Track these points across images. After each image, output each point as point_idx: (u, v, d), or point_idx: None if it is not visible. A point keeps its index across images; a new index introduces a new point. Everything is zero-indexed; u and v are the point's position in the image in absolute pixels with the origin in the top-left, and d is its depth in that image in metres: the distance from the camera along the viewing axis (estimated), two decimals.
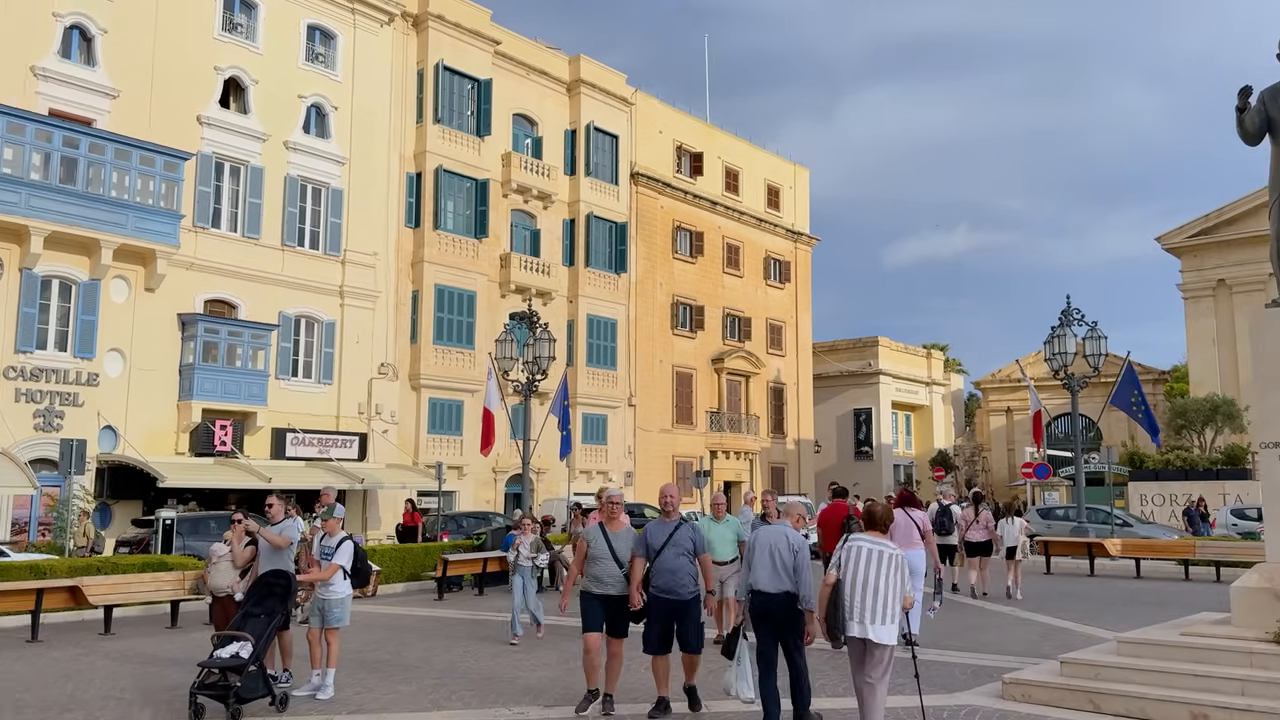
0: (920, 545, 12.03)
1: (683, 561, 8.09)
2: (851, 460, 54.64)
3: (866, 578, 6.79)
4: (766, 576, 7.53)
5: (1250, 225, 39.36)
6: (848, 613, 6.78)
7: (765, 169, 48.51)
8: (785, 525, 7.98)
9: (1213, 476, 32.87)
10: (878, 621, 6.76)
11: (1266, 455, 9.00)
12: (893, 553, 6.92)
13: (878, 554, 6.87)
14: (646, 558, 8.15)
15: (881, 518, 7.26)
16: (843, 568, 6.90)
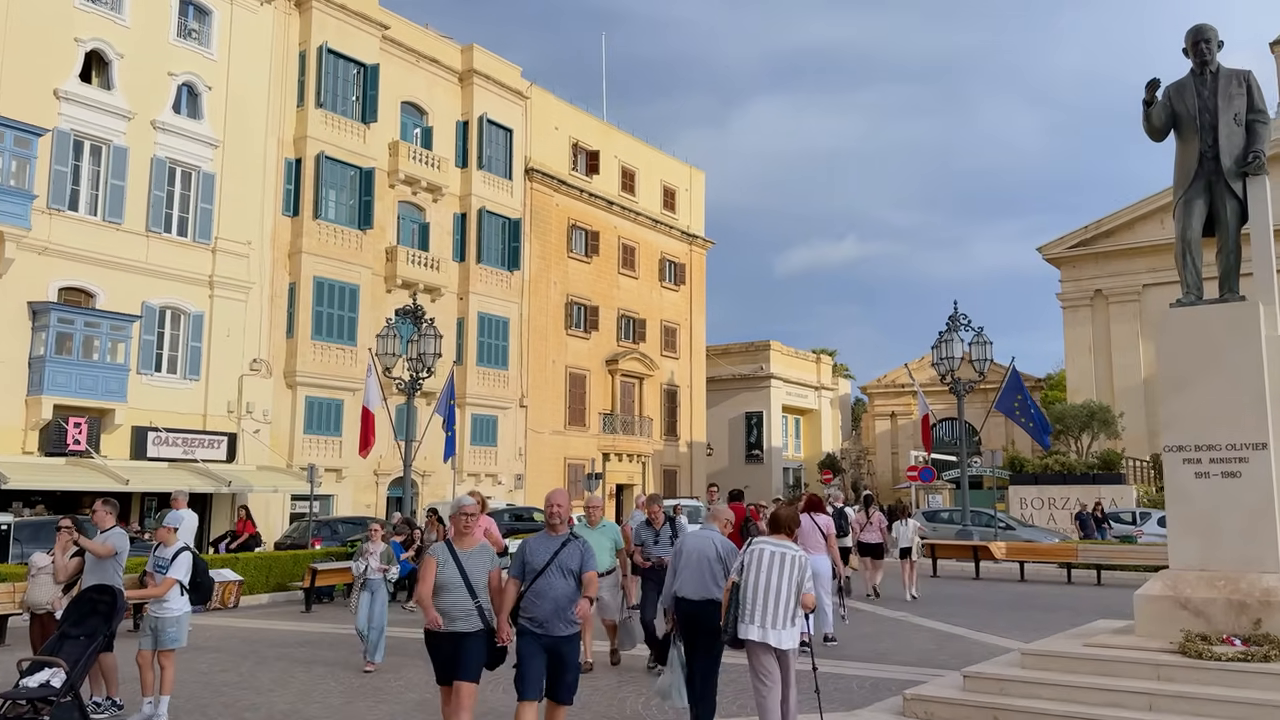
0: (824, 550, 12.05)
1: (567, 588, 6.53)
2: (742, 463, 54.74)
3: (769, 581, 6.70)
4: (693, 583, 7.40)
5: (1125, 238, 40.87)
6: (749, 617, 6.67)
7: (662, 170, 48.16)
8: (713, 531, 7.78)
9: (1089, 481, 33.83)
10: (779, 625, 6.67)
11: (1170, 459, 8.75)
12: (795, 555, 6.82)
13: (780, 556, 6.78)
14: (521, 579, 6.59)
15: (786, 520, 7.10)
16: (744, 570, 6.78)
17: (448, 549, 6.59)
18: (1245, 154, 8.78)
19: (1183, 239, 9.03)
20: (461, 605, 6.41)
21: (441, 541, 6.79)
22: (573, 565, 6.58)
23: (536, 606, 6.50)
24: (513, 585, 6.58)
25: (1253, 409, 8.36)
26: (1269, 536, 8.19)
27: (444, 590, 6.43)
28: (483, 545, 6.72)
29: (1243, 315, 8.57)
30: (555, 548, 6.63)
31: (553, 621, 6.47)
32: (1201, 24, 9.02)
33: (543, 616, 6.47)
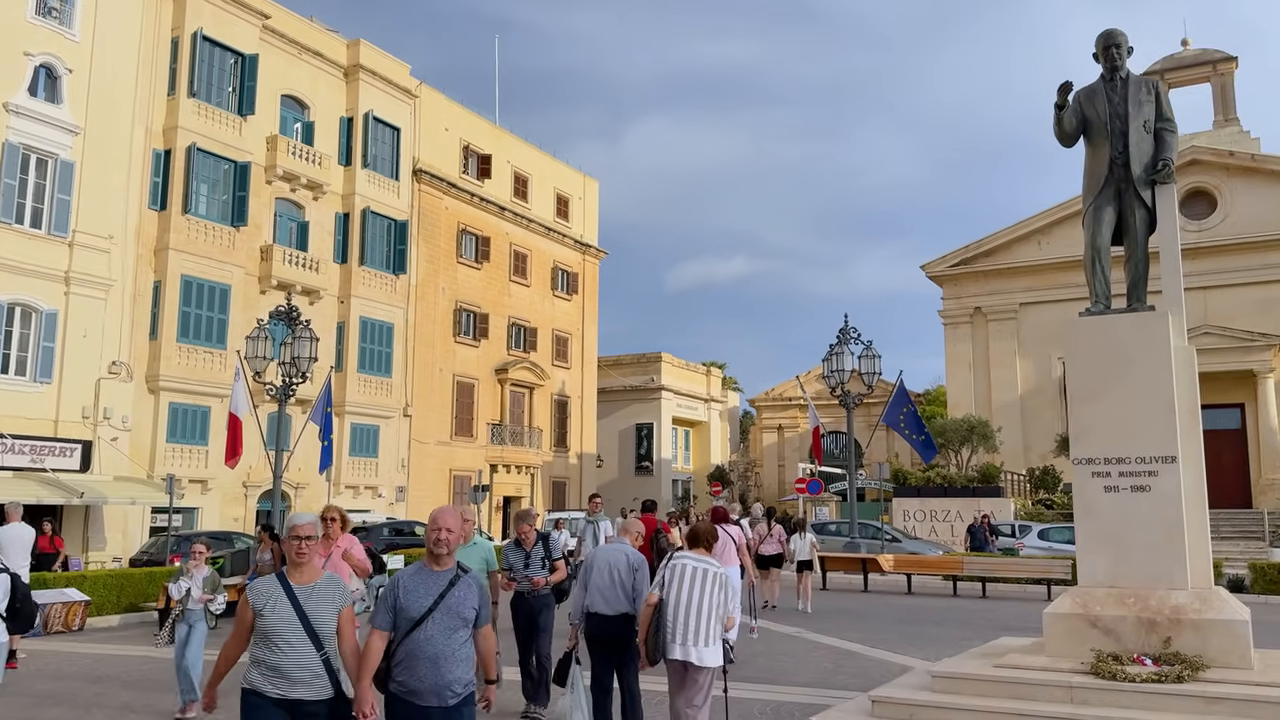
0: (737, 562, 12.24)
1: (455, 643, 4.78)
2: (632, 475, 54.28)
3: (690, 597, 6.52)
4: (604, 598, 7.25)
5: (1004, 258, 42.11)
6: (669, 634, 6.49)
7: (555, 178, 47.41)
8: (624, 544, 7.65)
9: (970, 494, 34.47)
10: (701, 643, 6.48)
11: (1080, 472, 8.52)
12: (717, 571, 6.66)
13: (702, 572, 6.61)
14: (391, 631, 4.81)
15: (705, 535, 6.97)
16: (666, 586, 6.60)
17: (279, 583, 4.76)
18: (1155, 162, 8.66)
19: (1092, 246, 8.84)
20: (302, 661, 4.60)
21: (274, 573, 4.92)
22: (465, 611, 4.82)
23: (413, 670, 4.72)
24: (378, 639, 4.75)
25: (1162, 421, 8.19)
26: (1178, 552, 8.00)
27: (273, 641, 4.60)
28: (329, 579, 4.87)
29: (1152, 325, 8.41)
30: (440, 587, 4.80)
31: (437, 689, 4.71)
32: (1112, 29, 8.89)
33: (421, 684, 4.71)
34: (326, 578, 4.88)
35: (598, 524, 14.33)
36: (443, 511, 4.99)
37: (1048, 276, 41.14)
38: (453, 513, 4.99)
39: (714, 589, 6.58)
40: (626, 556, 7.41)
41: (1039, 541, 26.55)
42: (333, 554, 7.78)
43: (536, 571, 8.97)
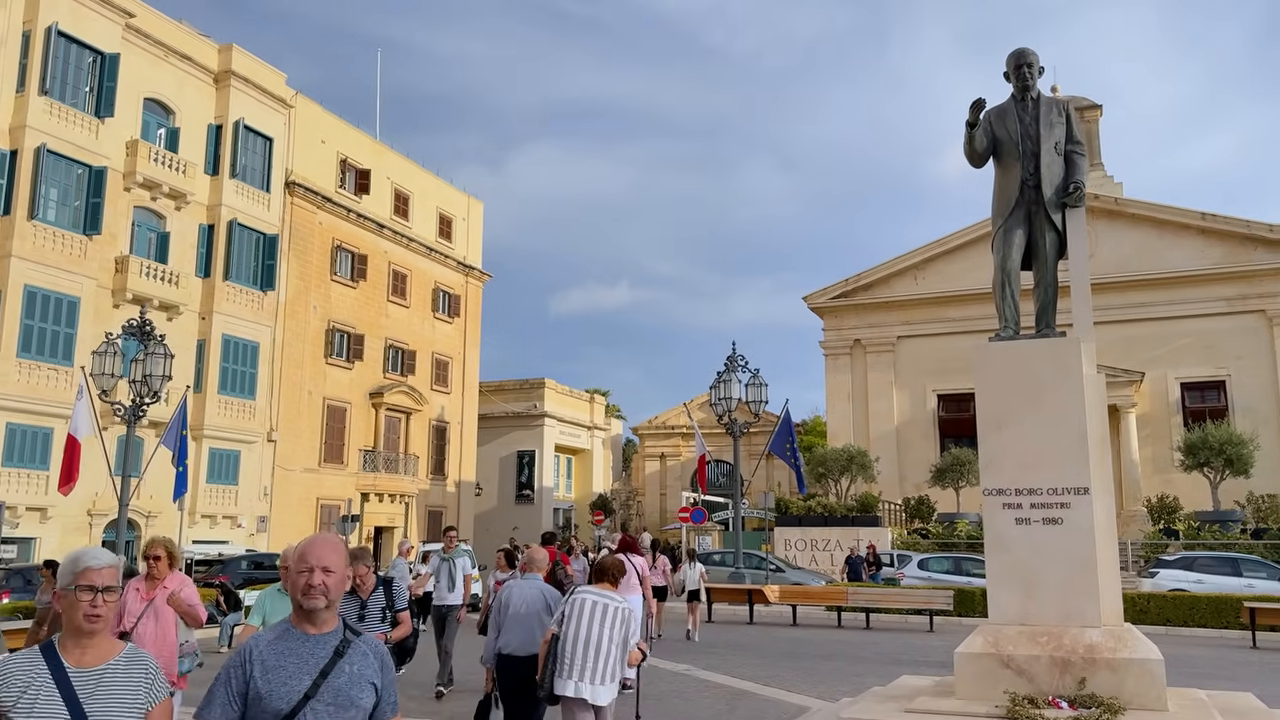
0: (639, 592, 12.03)
1: None
2: (512, 503, 52.97)
3: (589, 633, 6.26)
4: (520, 637, 6.95)
5: (882, 292, 42.99)
6: (566, 670, 6.21)
7: (438, 197, 46.17)
8: (538, 580, 7.36)
9: (849, 523, 34.71)
10: (598, 681, 6.22)
11: (990, 504, 8.15)
12: (619, 606, 6.42)
13: (603, 607, 6.36)
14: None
15: (611, 569, 6.74)
16: (565, 621, 6.34)
17: (45, 662, 2.99)
18: (1066, 184, 8.45)
19: (1002, 269, 8.55)
20: None
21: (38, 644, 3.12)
22: (359, 696, 3.14)
23: None
24: None
25: (1074, 451, 7.90)
26: (1090, 588, 7.69)
27: None
28: (130, 658, 3.12)
29: (1065, 352, 8.13)
30: (319, 660, 3.12)
31: None
32: (1024, 48, 8.69)
33: None
34: (127, 655, 3.12)
35: (454, 562, 12.22)
36: (316, 543, 3.21)
37: (924, 310, 42.16)
38: (332, 544, 3.22)
39: (615, 625, 6.32)
40: (543, 593, 7.15)
41: (919, 571, 26.72)
42: (156, 598, 6.47)
43: (374, 625, 6.96)
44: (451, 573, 12.12)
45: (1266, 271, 37.37)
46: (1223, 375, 37.86)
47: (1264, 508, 32.43)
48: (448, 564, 12.20)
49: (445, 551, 12.28)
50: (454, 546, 12.25)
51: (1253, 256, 37.71)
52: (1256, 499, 32.69)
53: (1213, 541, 29.45)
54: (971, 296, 41.09)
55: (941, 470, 36.17)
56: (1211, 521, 30.98)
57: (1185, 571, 23.65)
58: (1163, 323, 38.34)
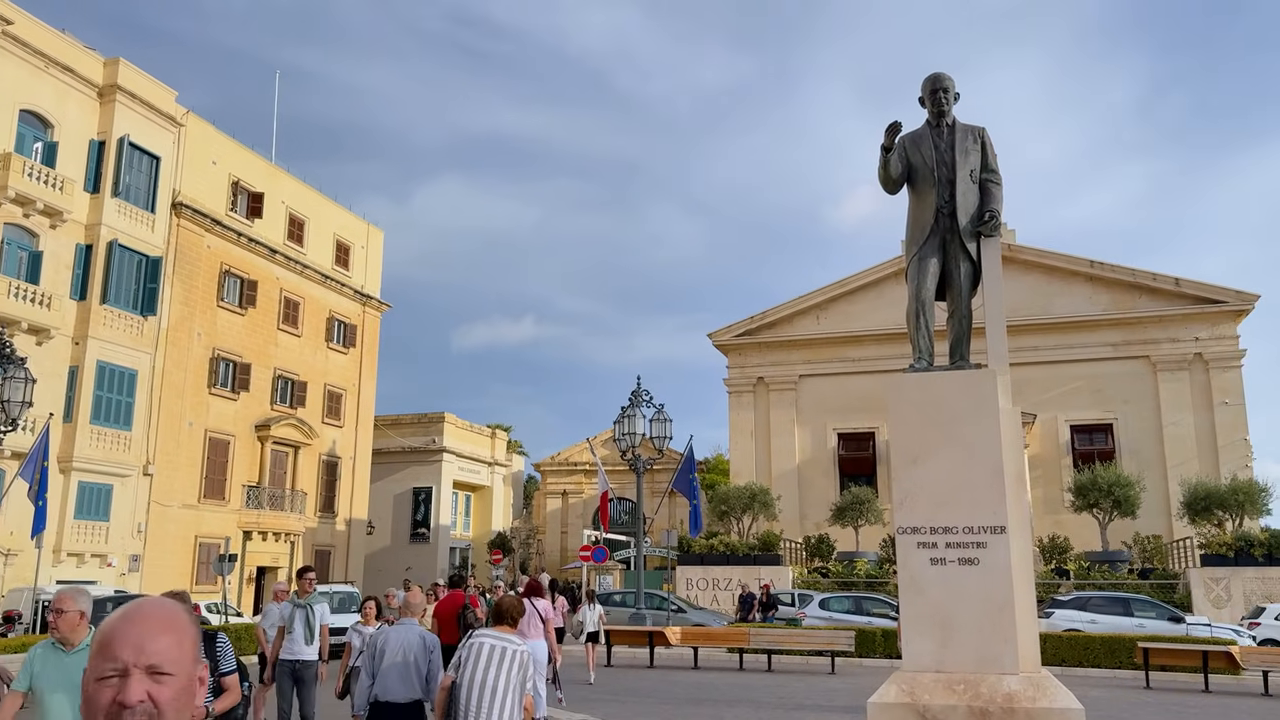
0: (541, 635, 11.70)
1: None
2: (406, 542, 51.20)
3: (485, 678, 6.10)
4: (397, 683, 6.77)
5: (786, 330, 43.26)
6: (465, 717, 6.04)
7: (336, 223, 44.75)
8: (414, 624, 7.19)
9: (751, 561, 34.43)
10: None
11: (904, 543, 7.75)
12: (518, 649, 6.26)
13: (500, 651, 6.21)
14: None
15: (510, 611, 6.60)
16: (461, 667, 6.14)
17: None
18: (981, 213, 8.22)
19: (917, 298, 8.24)
20: None
21: None
22: None
23: None
24: None
25: (991, 487, 7.57)
26: (1008, 632, 7.32)
27: None
28: None
29: (981, 384, 7.83)
30: None
31: None
32: (940, 73, 8.47)
33: None
34: None
35: (310, 609, 10.27)
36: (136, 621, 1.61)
37: (825, 350, 42.57)
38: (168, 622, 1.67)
39: (513, 669, 6.14)
40: (421, 637, 6.94)
41: (820, 611, 26.49)
42: None
43: None
44: (309, 621, 10.20)
45: (1150, 319, 38.88)
46: (1110, 418, 39.10)
47: (1149, 548, 33.38)
48: (303, 611, 10.23)
49: (299, 598, 10.36)
50: (310, 591, 10.41)
51: (1138, 304, 39.22)
52: (1142, 539, 33.65)
53: (1102, 581, 30.08)
54: (871, 337, 41.67)
55: (841, 509, 36.28)
56: (1101, 561, 31.68)
57: (1079, 611, 23.96)
58: (1053, 366, 39.46)
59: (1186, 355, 38.36)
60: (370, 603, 10.84)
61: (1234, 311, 38.13)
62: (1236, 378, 37.90)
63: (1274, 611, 25.23)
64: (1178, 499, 34.05)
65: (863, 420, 41.58)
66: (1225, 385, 37.78)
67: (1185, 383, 38.13)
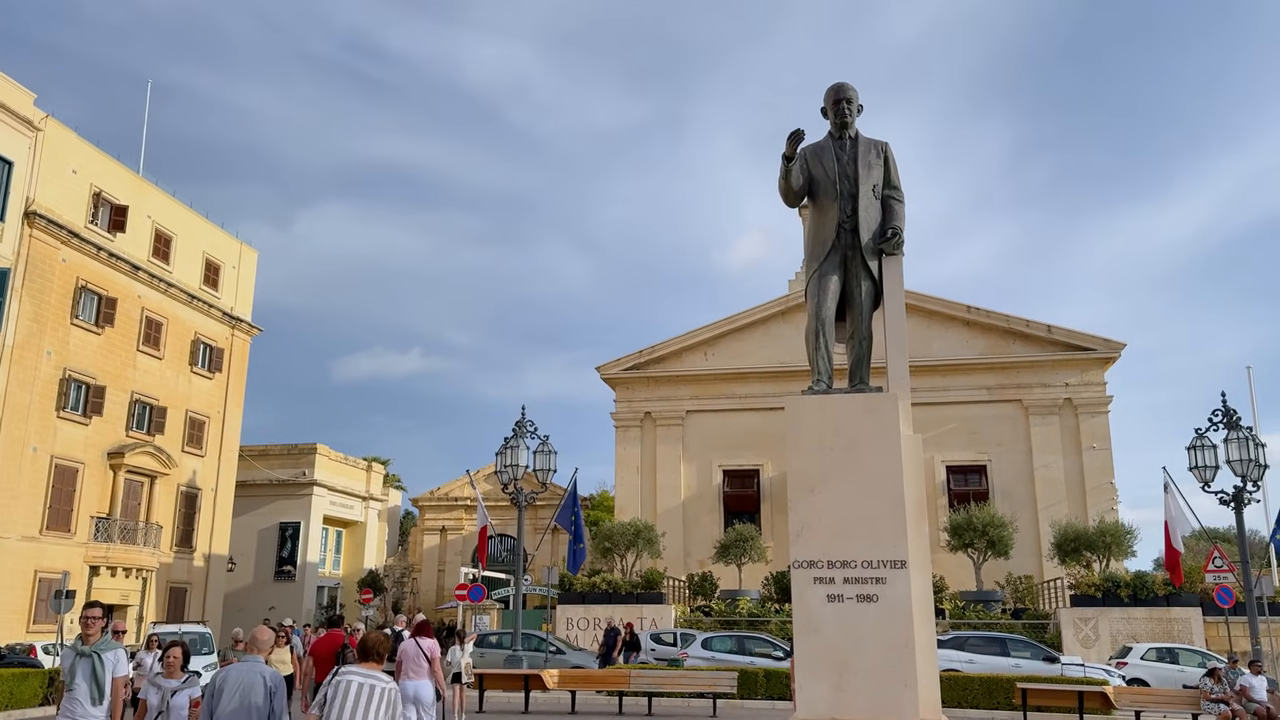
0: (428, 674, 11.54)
1: None
2: (270, 580, 48.49)
3: (354, 716, 6.02)
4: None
5: (674, 365, 43.01)
6: None
7: (206, 241, 42.52)
8: (258, 662, 6.77)
9: (634, 600, 33.66)
10: None
11: (799, 578, 7.21)
12: (385, 687, 6.17)
13: (369, 689, 6.11)
14: None
15: (376, 647, 6.38)
16: (327, 705, 6.07)
17: None
18: (884, 230, 7.85)
19: (817, 317, 7.79)
20: None
21: None
22: None
23: None
24: None
25: (891, 519, 7.10)
26: (908, 675, 6.83)
27: None
28: None
29: (882, 409, 7.39)
30: None
31: None
32: (842, 83, 8.11)
33: None
34: None
35: (98, 658, 7.71)
36: None
37: (713, 386, 42.46)
38: None
39: (381, 706, 6.07)
40: (262, 676, 6.58)
41: (702, 651, 25.88)
42: None
43: None
44: (97, 671, 7.72)
45: (1024, 364, 40.11)
46: (984, 460, 40.02)
47: (1021, 588, 34.02)
48: (88, 662, 7.75)
49: (83, 643, 7.85)
50: (96, 635, 7.85)
51: (1012, 349, 40.44)
52: (1015, 579, 34.28)
53: (977, 621, 30.41)
54: (758, 374, 41.76)
55: (725, 546, 35.92)
56: (975, 601, 32.09)
57: (957, 651, 24.00)
58: (930, 408, 40.17)
59: (1057, 400, 39.68)
60: (176, 649, 8.67)
61: (1102, 359, 39.69)
62: (1104, 423, 39.36)
63: (1140, 651, 25.89)
64: (1048, 540, 34.89)
65: (748, 457, 41.51)
66: (1093, 430, 39.18)
67: (1056, 427, 39.38)
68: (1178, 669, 25.01)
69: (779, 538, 39.73)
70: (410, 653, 11.35)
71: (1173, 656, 25.55)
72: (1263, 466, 21.26)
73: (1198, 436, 22.25)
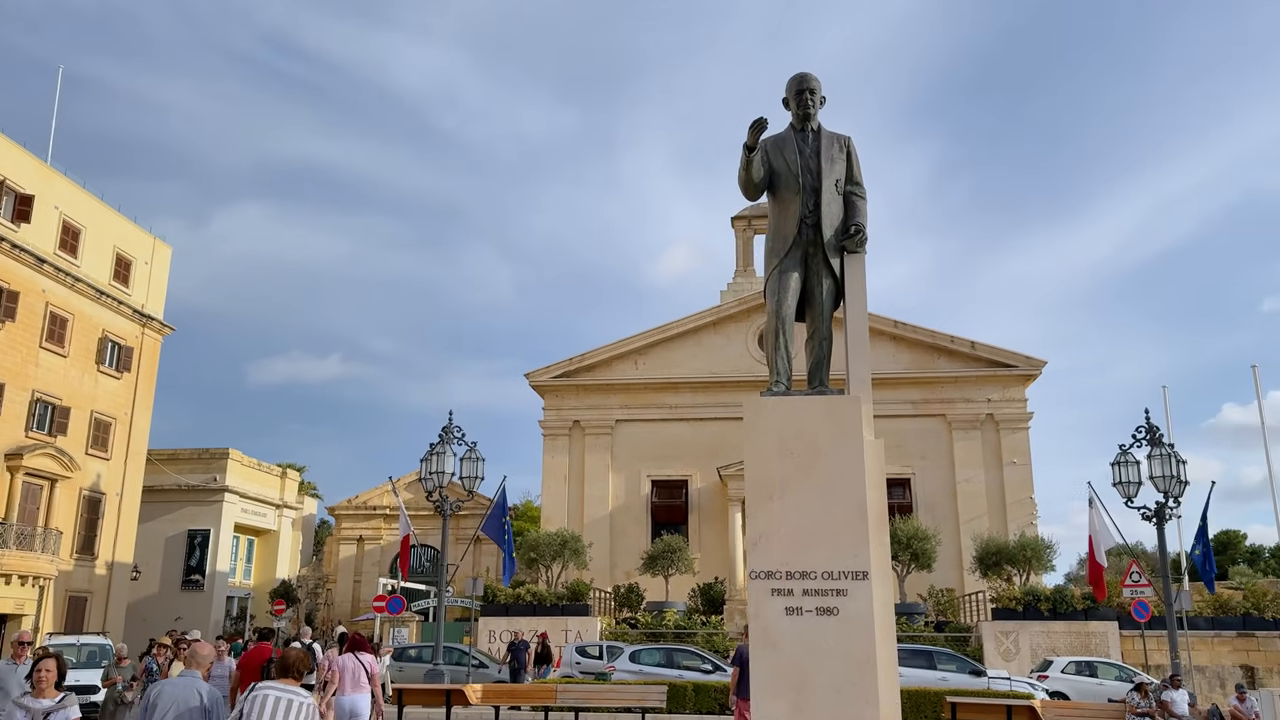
0: (367, 689, 11.54)
1: None
2: (177, 590, 46.49)
3: None
4: None
5: (604, 374, 42.55)
6: None
7: (118, 235, 40.67)
8: (194, 677, 6.73)
9: (559, 612, 33.04)
10: None
11: (757, 589, 6.81)
12: (303, 702, 6.16)
13: (286, 703, 6.10)
14: None
15: (295, 664, 6.35)
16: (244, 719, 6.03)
17: None
18: (847, 226, 7.53)
19: (777, 315, 7.43)
20: None
21: None
22: None
23: None
24: None
25: (853, 527, 6.76)
26: (869, 693, 6.47)
27: None
28: None
29: (844, 412, 7.06)
30: None
31: None
32: (805, 73, 7.78)
33: None
34: None
35: None
36: None
37: (643, 396, 42.11)
38: None
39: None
40: (200, 694, 6.52)
41: (630, 665, 25.39)
42: None
43: None
44: None
45: (948, 379, 40.67)
46: (908, 473, 40.40)
47: (943, 601, 34.34)
48: None
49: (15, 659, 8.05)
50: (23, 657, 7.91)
51: (937, 365, 40.97)
52: (937, 592, 34.59)
53: (900, 634, 30.55)
54: (688, 385, 41.58)
55: (653, 557, 35.55)
56: (900, 614, 32.19)
57: None
58: None
59: (979, 415, 40.30)
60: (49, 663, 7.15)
61: (1023, 376, 40.46)
62: (1024, 439, 40.10)
63: (1060, 664, 26.23)
64: (970, 554, 35.33)
65: (677, 468, 41.24)
66: (1014, 445, 39.88)
67: (978, 441, 39.98)
68: (1096, 682, 25.40)
69: (707, 549, 39.53)
70: (349, 668, 11.34)
71: (1092, 670, 25.96)
72: (1184, 483, 21.68)
73: (1122, 453, 22.63)
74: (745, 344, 41.87)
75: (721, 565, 38.37)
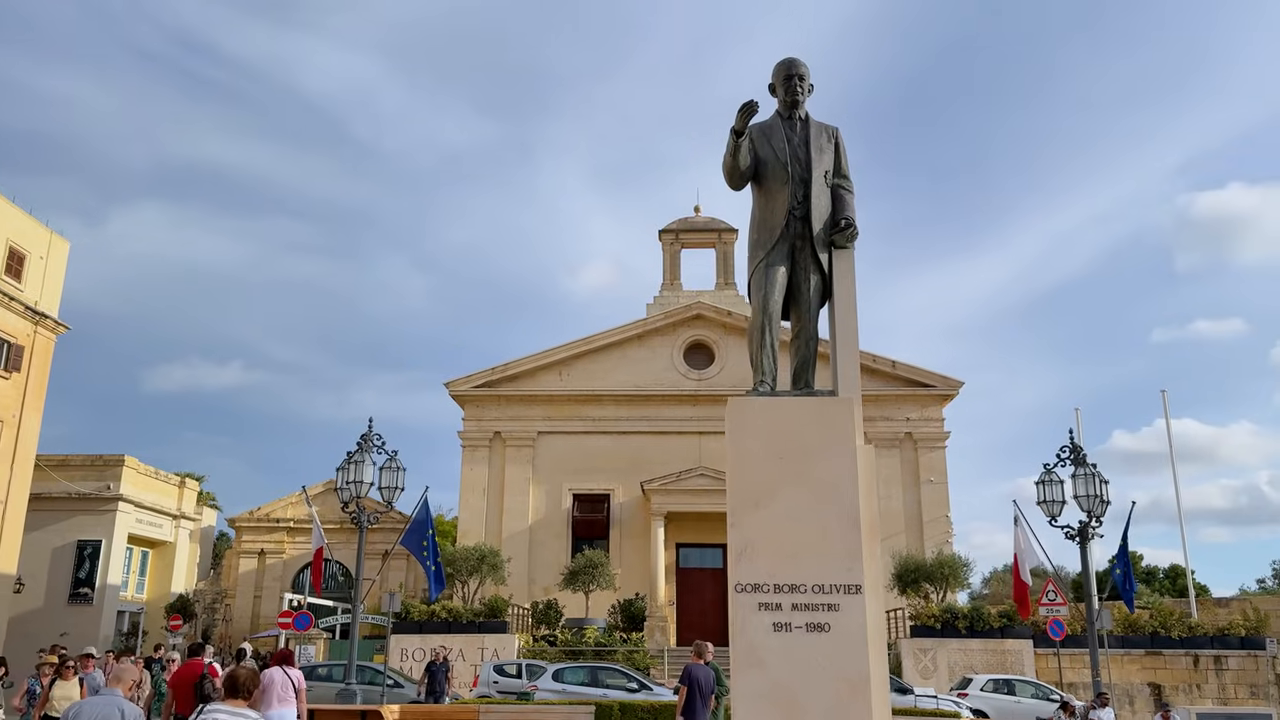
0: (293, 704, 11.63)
1: None
2: (64, 604, 43.76)
3: None
4: None
5: (527, 385, 41.74)
6: None
7: (11, 227, 38.27)
8: (116, 696, 6.64)
9: (475, 629, 32.11)
10: None
11: (741, 604, 6.33)
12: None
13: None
14: None
15: (245, 683, 6.06)
16: None
17: None
18: (836, 219, 7.14)
19: (763, 311, 6.99)
20: None
21: None
22: None
23: None
24: None
25: (846, 537, 6.34)
26: (863, 715, 6.03)
27: None
28: None
29: (836, 415, 6.65)
30: None
31: None
32: (794, 58, 7.40)
33: None
34: None
35: None
36: None
37: (566, 407, 41.43)
38: None
39: None
40: (121, 712, 6.46)
41: (553, 684, 24.66)
42: None
43: None
44: None
45: (868, 397, 40.35)
46: None
47: None
48: None
49: None
50: None
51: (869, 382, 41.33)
52: None
53: None
54: (612, 397, 41.07)
55: (574, 573, 34.84)
56: None
57: None
58: None
59: (899, 434, 40.73)
60: None
61: (941, 395, 41.08)
62: (941, 458, 40.67)
63: (979, 682, 26.42)
64: (888, 571, 35.54)
65: (599, 481, 40.62)
66: (931, 464, 40.40)
67: (897, 459, 40.38)
68: (1014, 700, 25.66)
69: (629, 565, 38.95)
70: (277, 681, 11.34)
71: (1010, 688, 26.21)
72: (1105, 503, 22.04)
73: (1046, 472, 22.92)
74: (671, 358, 41.59)
75: (642, 581, 37.84)
